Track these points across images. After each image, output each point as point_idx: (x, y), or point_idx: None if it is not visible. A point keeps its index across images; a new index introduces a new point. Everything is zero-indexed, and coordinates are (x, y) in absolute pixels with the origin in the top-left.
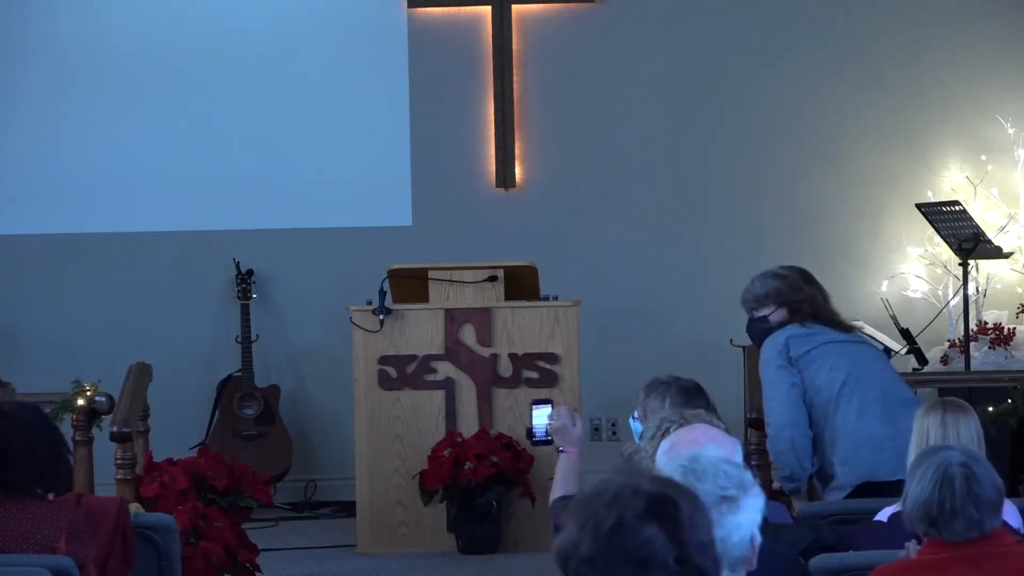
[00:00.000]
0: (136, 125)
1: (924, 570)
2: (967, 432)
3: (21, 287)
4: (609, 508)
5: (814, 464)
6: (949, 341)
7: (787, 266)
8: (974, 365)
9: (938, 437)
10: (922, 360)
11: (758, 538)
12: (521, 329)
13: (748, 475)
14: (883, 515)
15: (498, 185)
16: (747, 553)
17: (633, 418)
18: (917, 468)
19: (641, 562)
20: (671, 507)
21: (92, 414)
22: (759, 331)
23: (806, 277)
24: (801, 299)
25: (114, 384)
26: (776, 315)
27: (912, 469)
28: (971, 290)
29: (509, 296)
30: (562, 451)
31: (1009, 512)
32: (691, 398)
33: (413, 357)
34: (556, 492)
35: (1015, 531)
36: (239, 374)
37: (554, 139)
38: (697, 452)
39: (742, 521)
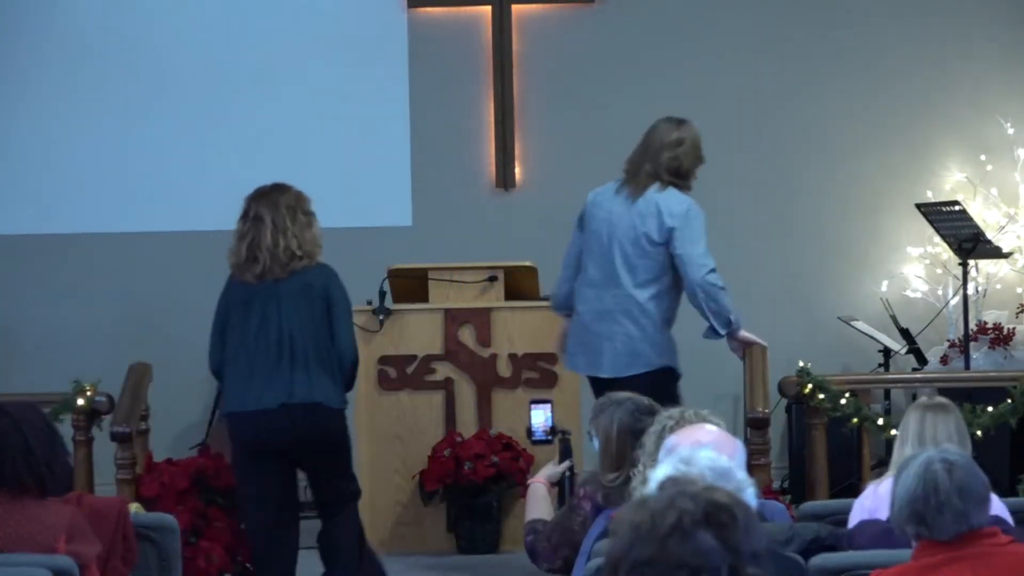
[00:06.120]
0: (136, 125)
1: (919, 573)
2: (944, 429)
3: (21, 287)
4: (665, 513)
5: None
6: (949, 341)
7: None
8: (974, 365)
9: (916, 432)
10: (922, 360)
11: None
12: (521, 329)
13: (744, 476)
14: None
15: (498, 185)
16: None
17: (590, 435)
18: (900, 474)
19: (695, 570)
20: (726, 515)
21: (92, 414)
22: None
23: None
24: None
25: (114, 384)
26: None
27: (895, 479)
28: (971, 290)
29: (509, 296)
30: (531, 482)
31: (999, 510)
32: (639, 418)
33: (413, 357)
34: (528, 516)
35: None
36: None
37: (554, 139)
38: (691, 453)
39: None
